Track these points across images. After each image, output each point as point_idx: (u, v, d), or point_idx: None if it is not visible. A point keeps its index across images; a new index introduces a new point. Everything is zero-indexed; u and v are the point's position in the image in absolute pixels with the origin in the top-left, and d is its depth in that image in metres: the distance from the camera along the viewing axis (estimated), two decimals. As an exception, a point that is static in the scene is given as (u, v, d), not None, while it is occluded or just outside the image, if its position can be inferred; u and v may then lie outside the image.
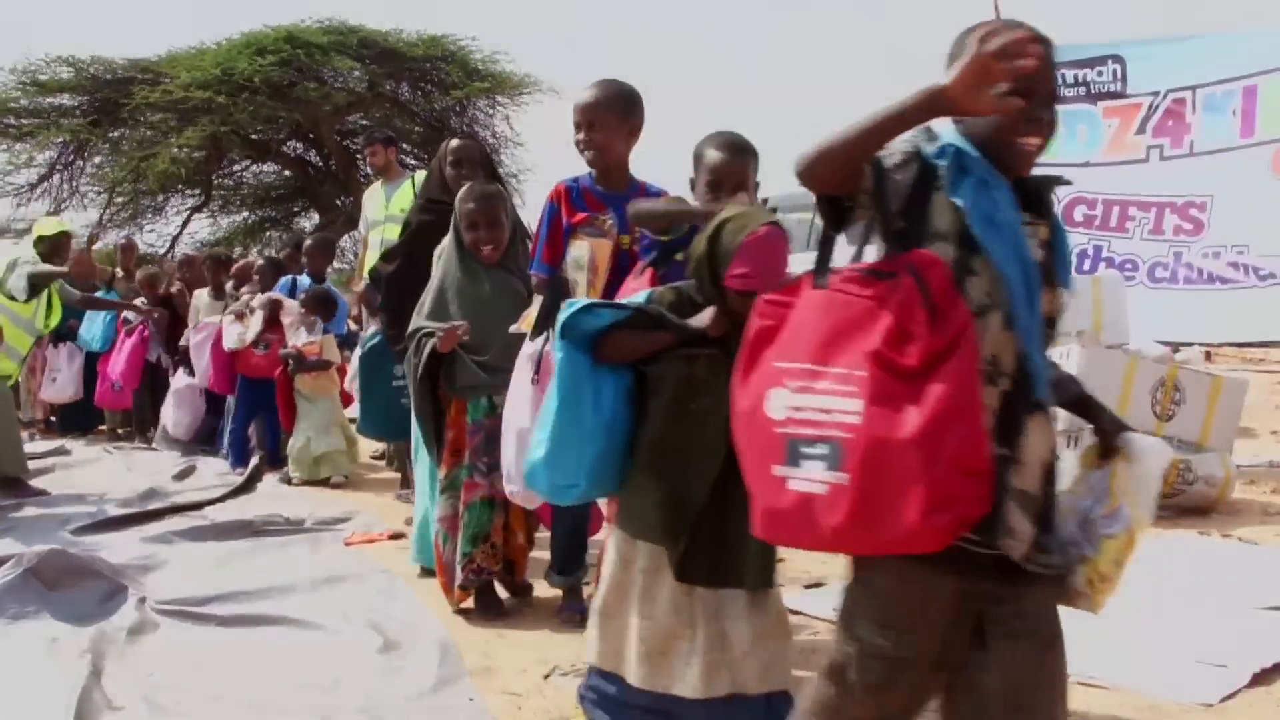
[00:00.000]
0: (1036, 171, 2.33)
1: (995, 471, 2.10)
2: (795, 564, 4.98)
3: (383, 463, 8.34)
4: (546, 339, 3.72)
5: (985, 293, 2.16)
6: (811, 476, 2.09)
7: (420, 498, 5.18)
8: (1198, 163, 8.54)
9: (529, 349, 3.77)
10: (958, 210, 2.17)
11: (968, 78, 2.03)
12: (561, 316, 2.91)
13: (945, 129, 2.27)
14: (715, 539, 2.85)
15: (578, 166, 4.19)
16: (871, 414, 2.04)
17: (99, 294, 10.83)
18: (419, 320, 4.51)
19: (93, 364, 10.59)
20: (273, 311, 8.12)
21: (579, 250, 4.01)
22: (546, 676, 3.74)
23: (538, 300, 4.08)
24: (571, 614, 4.29)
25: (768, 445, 2.18)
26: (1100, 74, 7.03)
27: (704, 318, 2.88)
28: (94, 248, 12.17)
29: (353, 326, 8.33)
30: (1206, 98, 8.38)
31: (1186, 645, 3.82)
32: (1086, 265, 7.70)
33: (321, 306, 7.96)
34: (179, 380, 9.53)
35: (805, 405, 2.13)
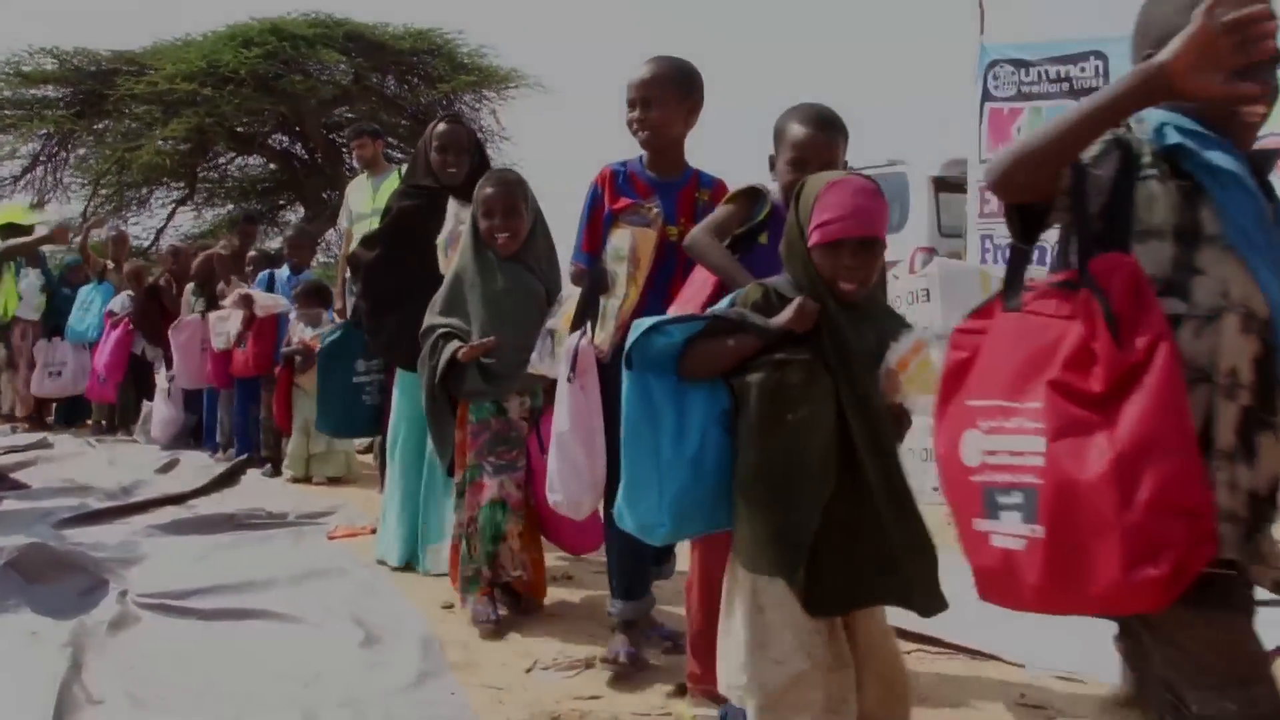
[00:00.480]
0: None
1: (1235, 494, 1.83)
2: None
3: (368, 457, 8.33)
4: (584, 333, 3.57)
5: (1218, 294, 1.87)
6: (1009, 530, 1.85)
7: (390, 496, 5.18)
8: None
9: (566, 345, 3.58)
10: (1178, 200, 1.90)
11: (1193, 57, 1.75)
12: (628, 343, 2.63)
13: (1150, 109, 1.99)
14: (844, 563, 2.50)
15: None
16: (1055, 452, 1.78)
17: (91, 285, 10.82)
18: (432, 317, 4.29)
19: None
20: (246, 308, 8.05)
21: (620, 239, 3.63)
22: (528, 671, 3.74)
23: (575, 293, 3.82)
24: (625, 656, 3.67)
25: (967, 496, 1.93)
26: (1083, 70, 7.05)
27: (786, 313, 2.53)
28: (90, 234, 12.12)
29: (337, 320, 8.30)
30: (1189, 95, 8.40)
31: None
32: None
33: (316, 297, 7.81)
34: (165, 380, 9.51)
35: (998, 448, 1.88)
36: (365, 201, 8.00)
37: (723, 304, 2.70)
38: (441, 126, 5.03)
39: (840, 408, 2.50)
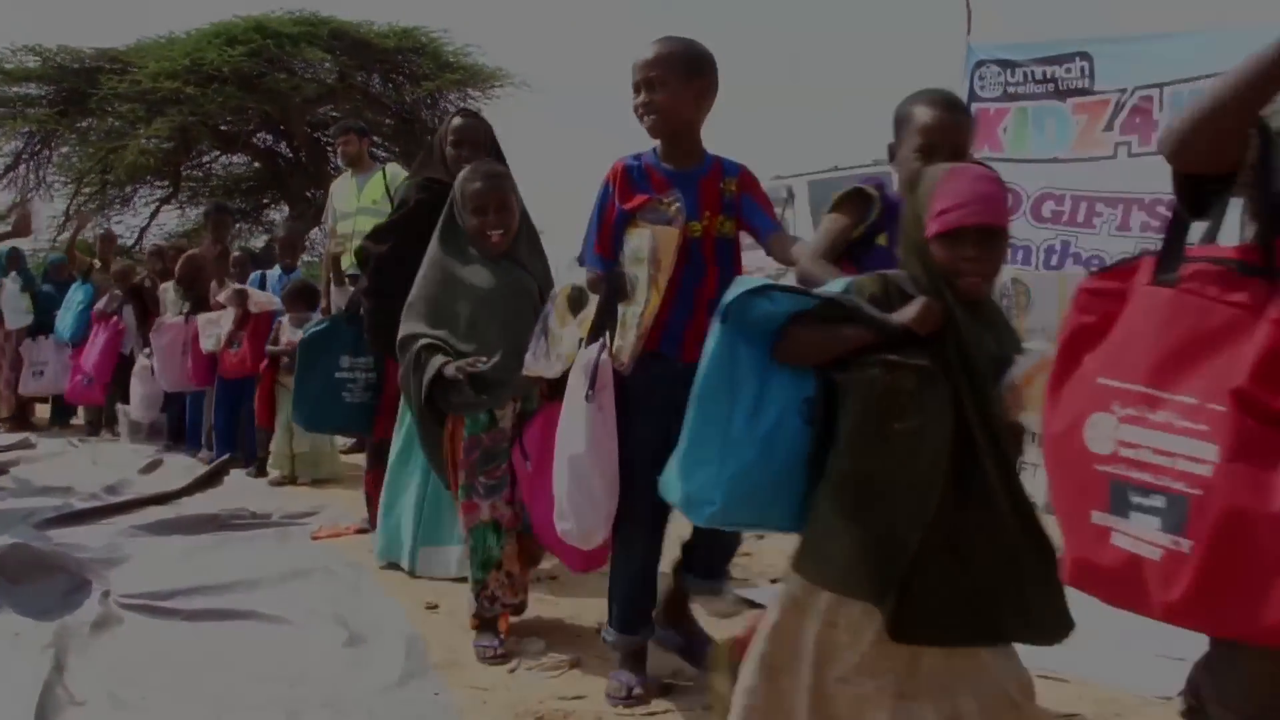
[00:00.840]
0: None
1: None
2: (762, 558, 5.00)
3: (354, 457, 8.28)
4: (603, 345, 3.29)
5: None
6: (1142, 535, 1.68)
7: (400, 495, 5.07)
8: (1165, 160, 8.57)
9: (584, 357, 3.28)
10: None
11: None
12: (728, 296, 2.38)
13: None
14: (941, 590, 2.25)
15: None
16: (1230, 472, 1.58)
17: (75, 285, 10.75)
18: (412, 324, 3.97)
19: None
20: (241, 305, 7.97)
21: (638, 240, 3.30)
22: (512, 671, 3.74)
23: (565, 288, 3.56)
24: (639, 688, 3.46)
25: (1086, 484, 1.75)
26: (1069, 71, 7.05)
27: (909, 311, 2.30)
28: (79, 234, 12.04)
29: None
30: (1174, 95, 8.41)
31: (1146, 639, 3.84)
32: (1054, 261, 7.74)
33: (302, 299, 7.64)
34: (144, 357, 9.35)
35: (1138, 441, 1.69)
36: (349, 199, 7.97)
37: (835, 287, 2.44)
38: (458, 121, 4.85)
39: (958, 420, 2.26)
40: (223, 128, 21.27)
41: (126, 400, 9.89)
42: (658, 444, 3.05)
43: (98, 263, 11.45)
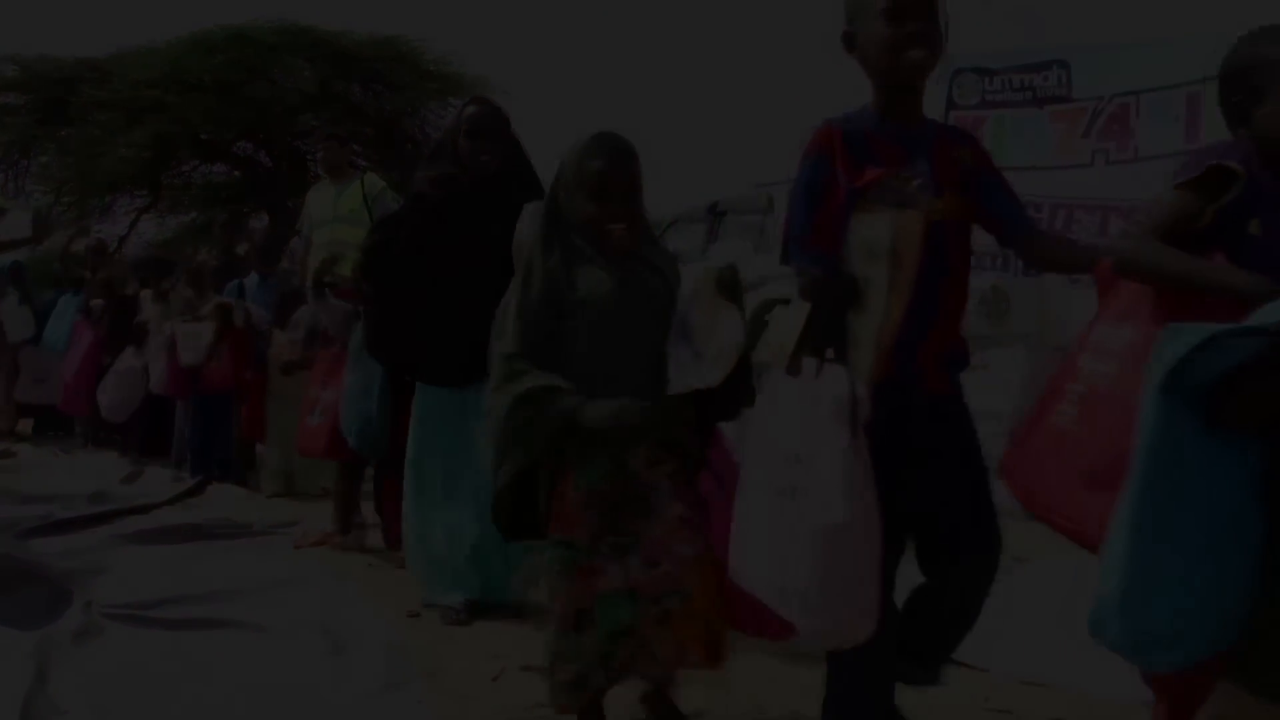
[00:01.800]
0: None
1: None
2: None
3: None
4: (851, 372, 2.41)
5: None
6: None
7: (421, 516, 4.48)
8: (1142, 167, 8.60)
9: (833, 388, 2.37)
10: None
11: None
12: (1168, 355, 1.73)
13: None
14: None
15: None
16: None
17: (68, 294, 10.69)
18: (507, 343, 2.91)
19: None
20: (223, 319, 7.83)
21: (875, 229, 2.44)
22: (495, 678, 3.74)
23: (784, 311, 2.62)
24: None
25: None
26: (1046, 79, 7.10)
27: None
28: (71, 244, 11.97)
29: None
30: (1151, 103, 8.47)
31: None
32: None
33: (295, 307, 7.36)
34: (124, 360, 9.17)
35: None
36: (325, 207, 7.92)
37: (1270, 313, 1.81)
38: (472, 109, 4.43)
39: None
40: (203, 137, 21.23)
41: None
42: (901, 501, 2.50)
43: (89, 273, 11.37)
